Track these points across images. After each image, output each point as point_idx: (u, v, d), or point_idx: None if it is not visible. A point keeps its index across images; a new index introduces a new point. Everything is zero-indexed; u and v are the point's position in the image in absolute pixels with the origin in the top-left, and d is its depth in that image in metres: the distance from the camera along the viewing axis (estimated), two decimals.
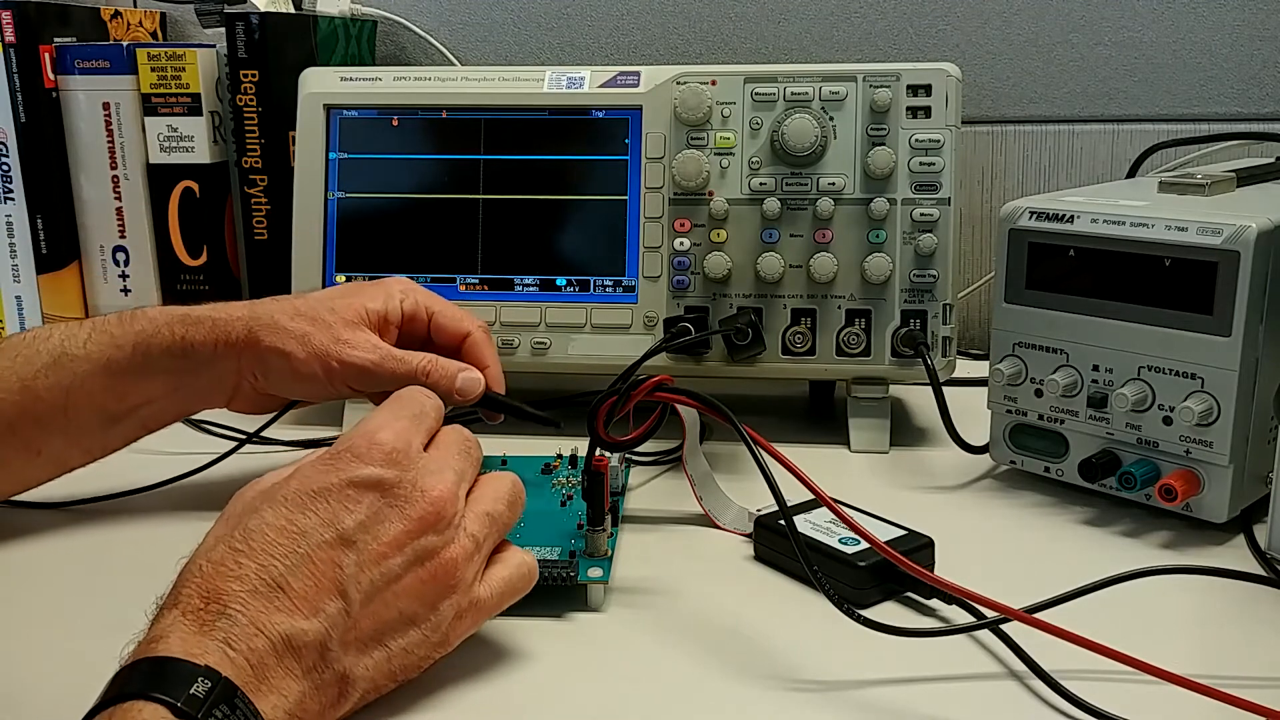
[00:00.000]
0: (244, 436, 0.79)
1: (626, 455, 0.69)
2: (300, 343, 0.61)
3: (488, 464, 0.68)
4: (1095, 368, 0.63)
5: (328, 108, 0.80)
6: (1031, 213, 0.65)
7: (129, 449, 0.65)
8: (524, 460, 0.67)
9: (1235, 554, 0.59)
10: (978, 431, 0.71)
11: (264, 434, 0.78)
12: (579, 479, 0.63)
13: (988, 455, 0.70)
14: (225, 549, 0.42)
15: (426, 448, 0.49)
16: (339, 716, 0.43)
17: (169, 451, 0.75)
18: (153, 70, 0.89)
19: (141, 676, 0.37)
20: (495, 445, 0.67)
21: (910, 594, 0.55)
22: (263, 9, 0.88)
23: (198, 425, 0.80)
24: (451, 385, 0.62)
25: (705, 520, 0.64)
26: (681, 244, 0.76)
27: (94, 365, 0.60)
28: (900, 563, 0.50)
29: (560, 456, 0.67)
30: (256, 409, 0.67)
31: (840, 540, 0.56)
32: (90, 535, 0.64)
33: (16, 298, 0.93)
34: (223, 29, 0.88)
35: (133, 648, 0.39)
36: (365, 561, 0.43)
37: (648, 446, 0.65)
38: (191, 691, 0.37)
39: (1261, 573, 0.57)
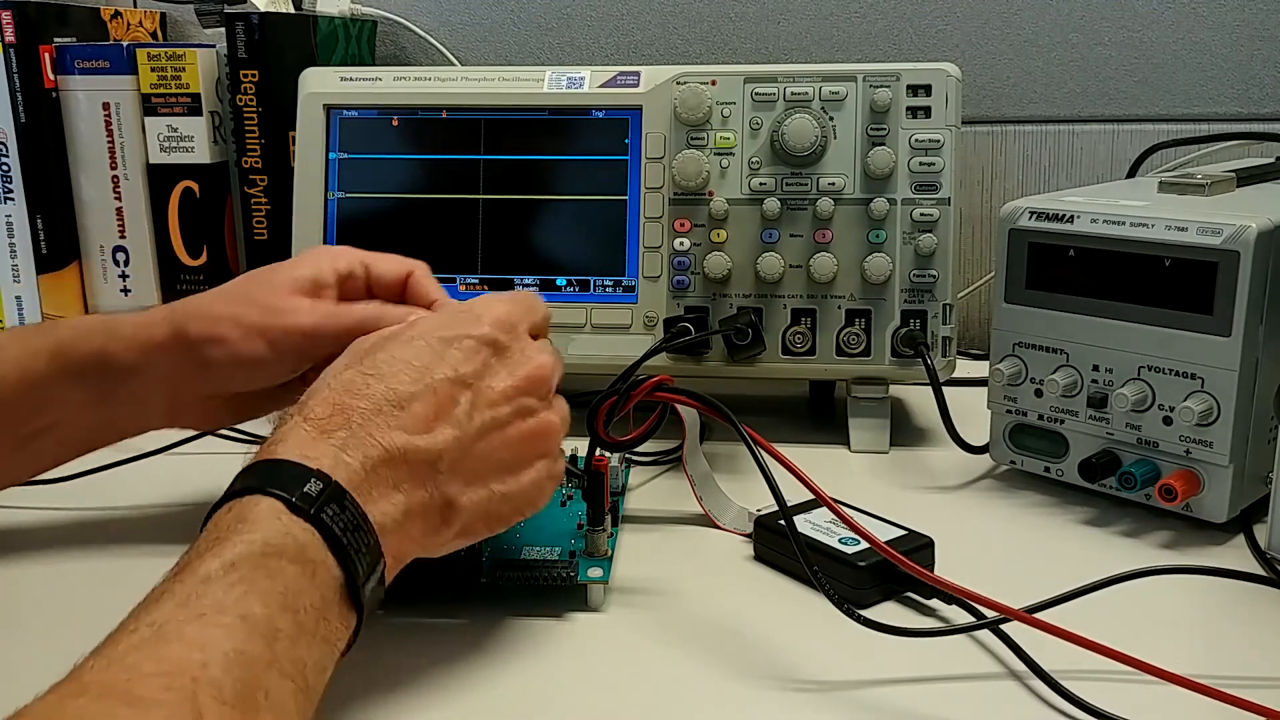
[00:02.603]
0: (250, 437, 0.79)
1: (626, 455, 0.69)
2: (233, 323, 0.56)
3: None
4: (1095, 368, 0.63)
5: (328, 108, 0.80)
6: (1031, 213, 0.65)
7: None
8: None
9: (1235, 554, 0.59)
10: (978, 431, 0.71)
11: (266, 436, 0.78)
12: (579, 478, 0.63)
13: (988, 455, 0.70)
14: (355, 373, 0.46)
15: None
16: (439, 544, 0.46)
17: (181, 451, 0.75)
18: (153, 70, 0.89)
19: (259, 474, 0.41)
20: None
21: (910, 594, 0.55)
22: (263, 9, 0.88)
23: (220, 435, 0.80)
24: None
25: (705, 520, 0.64)
26: (681, 244, 0.76)
27: (4, 374, 0.55)
28: (900, 562, 0.50)
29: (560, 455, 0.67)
30: (205, 421, 0.63)
31: (840, 540, 0.56)
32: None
33: (16, 298, 0.93)
34: (223, 29, 0.88)
35: (254, 452, 0.43)
36: (479, 403, 0.47)
37: (648, 446, 0.65)
38: (305, 489, 0.40)
39: (1261, 573, 0.57)
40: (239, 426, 0.75)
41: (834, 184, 0.74)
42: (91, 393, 0.57)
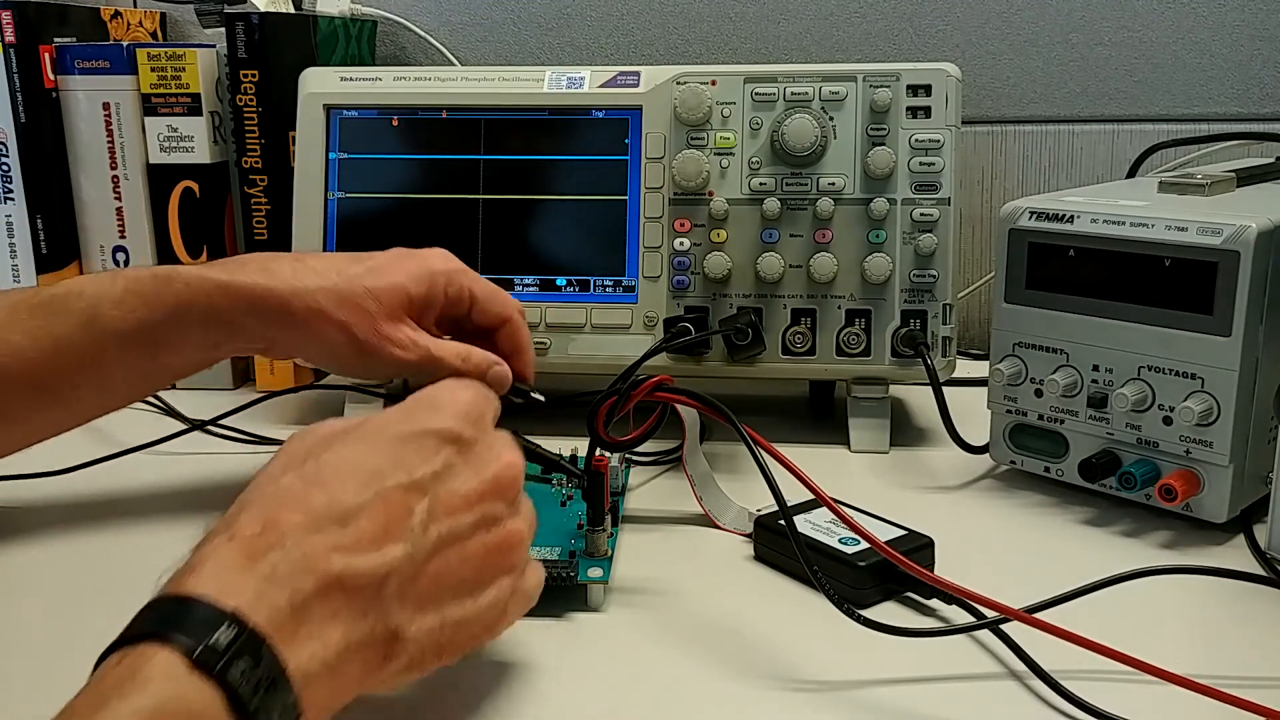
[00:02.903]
0: (252, 437, 0.79)
1: (627, 455, 0.69)
2: (341, 331, 0.60)
3: None
4: (1095, 368, 0.63)
5: (328, 108, 0.80)
6: (1031, 213, 0.65)
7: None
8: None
9: (1235, 554, 0.59)
10: (978, 431, 0.71)
11: (266, 435, 0.78)
12: (579, 478, 0.63)
13: (988, 455, 0.70)
14: (294, 478, 0.40)
15: None
16: (378, 682, 0.40)
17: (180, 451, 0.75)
18: (153, 70, 0.89)
19: (162, 615, 0.34)
20: None
21: (910, 594, 0.55)
22: (263, 9, 0.88)
23: (208, 430, 0.80)
24: (482, 378, 0.61)
25: (705, 520, 0.64)
26: (681, 244, 0.76)
27: (127, 326, 0.58)
28: (900, 562, 0.50)
29: (561, 456, 0.67)
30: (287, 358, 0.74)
31: (840, 540, 0.56)
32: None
33: None
34: (223, 29, 0.88)
35: (169, 576, 0.36)
36: (436, 512, 0.41)
37: (648, 446, 0.65)
38: (212, 640, 0.33)
39: (1261, 573, 0.57)
40: (270, 434, 0.76)
41: (834, 184, 0.74)
42: (205, 342, 0.60)
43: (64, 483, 0.70)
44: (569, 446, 0.68)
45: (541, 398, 0.65)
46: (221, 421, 0.80)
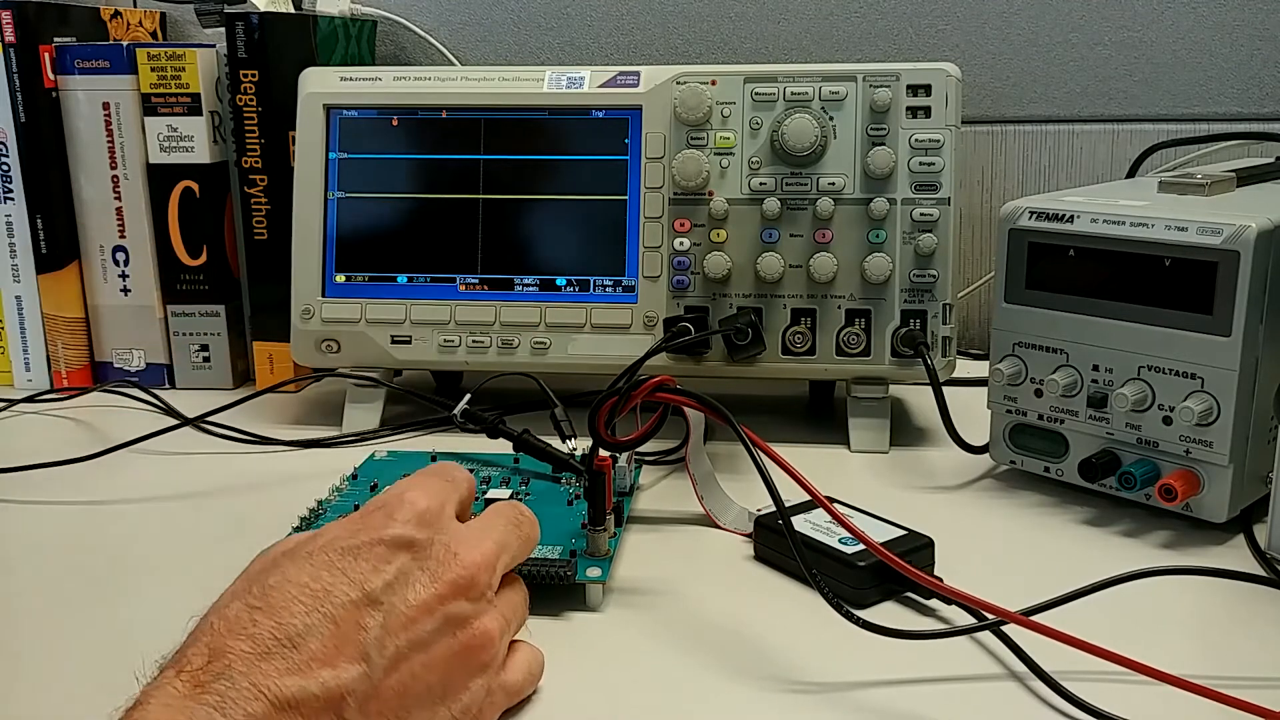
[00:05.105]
0: (251, 436, 0.79)
1: (636, 454, 0.69)
2: None
3: (501, 461, 0.68)
4: (1095, 368, 0.63)
5: (328, 108, 0.80)
6: (1031, 213, 0.65)
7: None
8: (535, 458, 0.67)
9: (1235, 554, 0.59)
10: (978, 431, 0.71)
11: (266, 435, 0.78)
12: (582, 477, 0.63)
13: (988, 455, 0.70)
14: (241, 605, 0.39)
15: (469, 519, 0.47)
16: None
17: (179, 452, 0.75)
18: (153, 70, 0.89)
19: None
20: (509, 446, 0.68)
21: (910, 594, 0.55)
22: (263, 9, 0.88)
23: (199, 426, 0.80)
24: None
25: (706, 520, 0.64)
26: (681, 244, 0.76)
27: None
28: (896, 564, 0.50)
29: (573, 455, 0.67)
30: None
31: (840, 540, 0.56)
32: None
33: (16, 298, 0.93)
34: (223, 29, 0.88)
35: (120, 714, 0.35)
36: (392, 625, 0.40)
37: (649, 446, 0.65)
38: None
39: (1261, 573, 0.57)
40: (271, 434, 0.76)
41: (834, 184, 0.74)
42: None
43: (56, 477, 0.70)
44: (581, 446, 0.68)
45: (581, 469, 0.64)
46: (220, 421, 0.80)
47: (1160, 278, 0.60)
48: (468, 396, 0.71)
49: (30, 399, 0.89)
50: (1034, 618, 0.47)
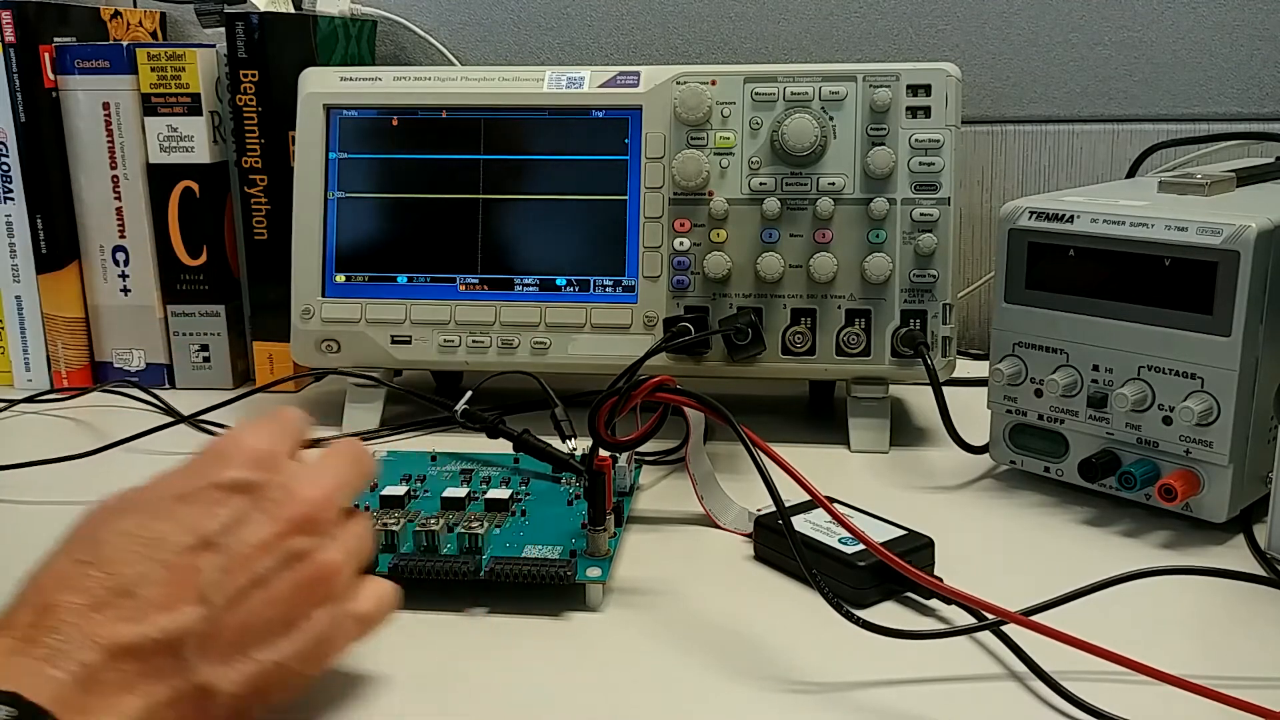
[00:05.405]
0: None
1: (635, 455, 0.69)
2: None
3: (501, 461, 0.68)
4: (1095, 368, 0.63)
5: (328, 108, 0.80)
6: (1031, 213, 0.65)
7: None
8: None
9: (1235, 554, 0.59)
10: (978, 431, 0.71)
11: None
12: (582, 477, 0.63)
13: (988, 455, 0.70)
14: (68, 561, 0.38)
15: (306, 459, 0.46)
16: None
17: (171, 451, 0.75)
18: (153, 70, 0.89)
19: None
20: (509, 446, 0.68)
21: (910, 594, 0.55)
22: (263, 9, 0.88)
23: (199, 425, 0.81)
24: None
25: (706, 520, 0.64)
26: (681, 244, 0.76)
27: None
28: (896, 564, 0.50)
29: (572, 455, 0.67)
30: None
31: (840, 540, 0.56)
32: None
33: (16, 298, 0.93)
34: (223, 29, 0.88)
35: None
36: (230, 565, 0.40)
37: (649, 446, 0.65)
38: None
39: (1261, 573, 0.57)
40: (229, 423, 0.76)
41: (834, 184, 0.74)
42: None
43: (54, 477, 0.70)
44: (582, 445, 0.68)
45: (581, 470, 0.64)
46: (220, 420, 0.80)
47: (1160, 278, 0.60)
48: (469, 394, 0.71)
49: (30, 399, 0.89)
50: (1034, 618, 0.47)
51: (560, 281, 0.78)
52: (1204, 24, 0.96)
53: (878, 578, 0.54)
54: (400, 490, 0.62)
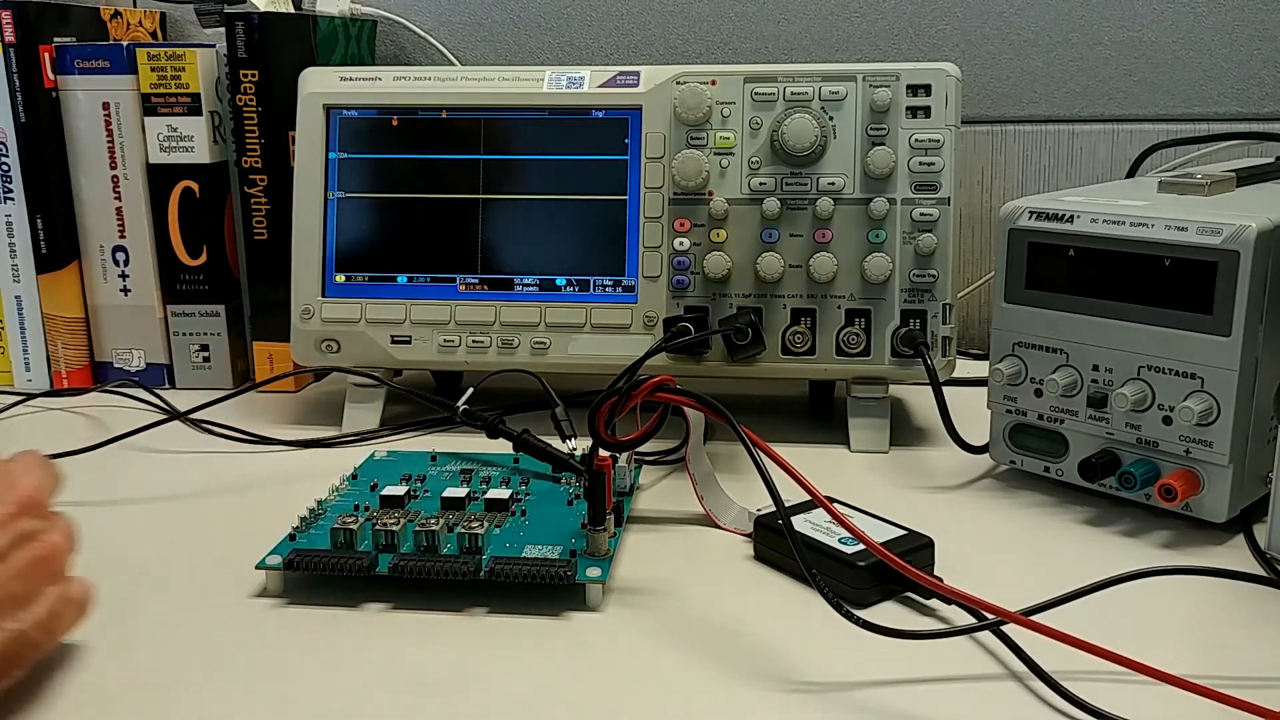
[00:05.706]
0: (251, 436, 0.79)
1: (635, 455, 0.69)
2: None
3: (501, 461, 0.68)
4: (1095, 368, 0.63)
5: (328, 108, 0.80)
6: (1031, 213, 0.65)
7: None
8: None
9: (1235, 554, 0.59)
10: (978, 431, 0.71)
11: (266, 435, 0.78)
12: (582, 477, 0.63)
13: (988, 455, 0.70)
14: None
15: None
16: None
17: (174, 450, 0.75)
18: (152, 70, 0.89)
19: None
20: (509, 446, 0.68)
21: (910, 594, 0.55)
22: (263, 9, 0.88)
23: (197, 425, 0.81)
24: None
25: (706, 520, 0.64)
26: (681, 244, 0.76)
27: None
28: (896, 564, 0.50)
29: (572, 455, 0.67)
30: None
31: (840, 540, 0.56)
32: None
33: (16, 298, 0.93)
34: (222, 29, 0.88)
35: None
36: None
37: (649, 446, 0.65)
38: None
39: (1261, 573, 0.57)
40: (271, 435, 0.76)
41: (834, 184, 0.74)
42: None
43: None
44: (582, 445, 0.68)
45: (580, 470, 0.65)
46: (220, 421, 0.80)
47: (1160, 278, 0.60)
48: (469, 391, 0.71)
49: (30, 399, 0.89)
50: (1034, 618, 0.47)
51: (560, 281, 0.78)
52: (1204, 24, 0.96)
53: (878, 578, 0.54)
54: (400, 490, 0.62)
